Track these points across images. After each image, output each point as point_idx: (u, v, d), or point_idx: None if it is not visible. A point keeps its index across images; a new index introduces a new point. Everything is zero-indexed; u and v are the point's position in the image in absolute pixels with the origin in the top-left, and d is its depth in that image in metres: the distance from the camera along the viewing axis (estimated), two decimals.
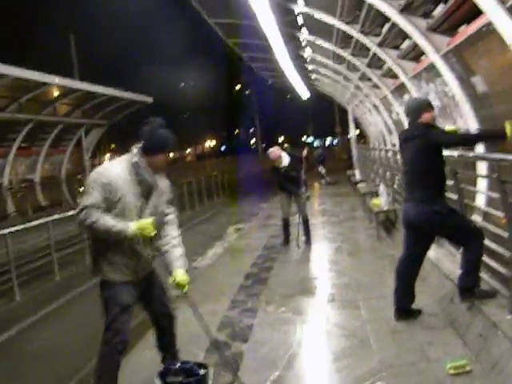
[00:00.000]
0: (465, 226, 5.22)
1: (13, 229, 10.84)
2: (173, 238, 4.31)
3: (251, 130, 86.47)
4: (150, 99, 32.26)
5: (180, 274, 4.15)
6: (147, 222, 3.93)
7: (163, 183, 4.27)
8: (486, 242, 5.73)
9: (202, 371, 4.05)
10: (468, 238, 5.11)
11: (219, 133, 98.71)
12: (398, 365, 4.49)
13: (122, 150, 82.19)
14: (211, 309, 6.33)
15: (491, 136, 5.36)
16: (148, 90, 34.25)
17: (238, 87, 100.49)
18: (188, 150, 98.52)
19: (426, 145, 5.02)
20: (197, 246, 12.32)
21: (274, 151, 9.85)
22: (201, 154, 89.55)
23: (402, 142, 5.44)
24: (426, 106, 5.28)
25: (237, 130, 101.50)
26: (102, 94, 26.45)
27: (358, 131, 30.50)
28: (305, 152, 10.49)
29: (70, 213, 14.99)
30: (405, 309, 5.48)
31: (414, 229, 5.32)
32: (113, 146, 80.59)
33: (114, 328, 4.04)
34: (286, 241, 10.37)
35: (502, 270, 5.08)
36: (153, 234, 3.96)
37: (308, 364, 4.82)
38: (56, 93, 25.30)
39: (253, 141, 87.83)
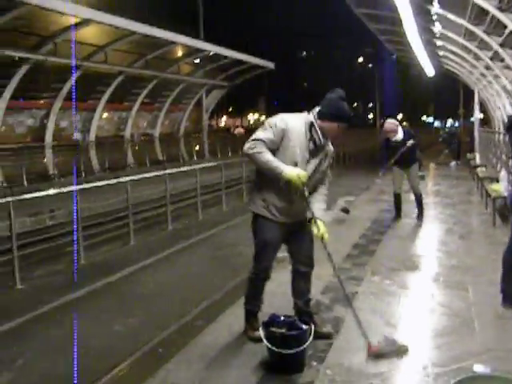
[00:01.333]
0: None
1: (133, 178, 11.47)
2: (319, 194, 4.59)
3: (370, 105, 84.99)
4: (271, 65, 32.45)
5: (320, 224, 4.42)
6: (301, 172, 4.22)
7: (329, 148, 4.57)
8: None
9: (304, 326, 4.19)
10: None
11: None
12: (501, 350, 4.40)
13: (238, 113, 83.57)
14: (317, 273, 6.34)
15: None
16: (270, 56, 34.44)
17: (360, 60, 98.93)
18: None
19: None
20: None
21: (391, 123, 9.76)
22: None
23: (509, 127, 5.26)
24: None
25: (355, 103, 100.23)
26: (225, 56, 26.91)
27: (482, 114, 29.31)
28: (410, 143, 9.95)
29: (185, 168, 15.69)
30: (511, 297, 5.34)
31: None
32: (230, 109, 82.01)
33: (258, 259, 4.59)
34: (398, 215, 10.29)
35: None
36: (302, 184, 4.22)
37: (407, 336, 4.81)
38: (181, 52, 26.03)
39: (370, 115, 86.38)
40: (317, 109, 4.47)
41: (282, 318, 4.29)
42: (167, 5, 49.66)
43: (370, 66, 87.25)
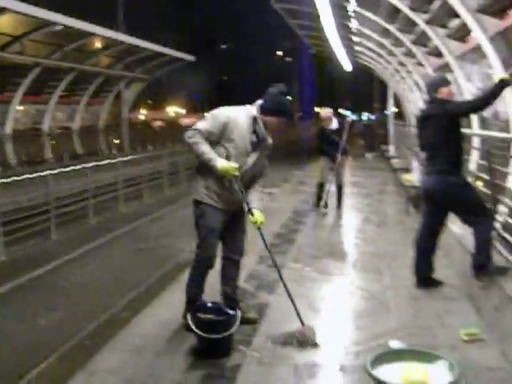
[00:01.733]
0: (477, 202, 5.46)
1: (54, 171, 11.29)
2: (258, 185, 4.78)
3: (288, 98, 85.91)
4: (191, 57, 32.39)
5: (257, 213, 4.60)
6: (233, 165, 4.38)
7: (268, 140, 4.74)
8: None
9: (231, 312, 4.36)
10: (479, 215, 5.36)
11: (256, 98, 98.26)
12: (414, 327, 4.74)
13: (158, 106, 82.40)
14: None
15: (495, 91, 5.44)
16: (189, 49, 34.42)
17: (279, 53, 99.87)
18: None
19: (444, 121, 5.25)
20: None
21: (327, 111, 10.16)
22: None
23: (421, 120, 5.64)
24: (443, 81, 5.52)
25: None
26: (145, 48, 26.64)
27: (396, 108, 30.37)
28: (350, 119, 10.62)
29: (107, 161, 15.55)
30: (425, 278, 5.72)
31: (431, 200, 5.59)
32: (149, 101, 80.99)
33: (202, 246, 4.65)
34: (317, 205, 10.59)
35: None
36: (233, 176, 4.42)
37: (328, 319, 5.09)
38: (100, 44, 25.56)
39: None
40: (259, 102, 4.63)
41: (209, 305, 4.45)
42: None
43: (289, 59, 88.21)
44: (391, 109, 25.48)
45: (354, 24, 16.60)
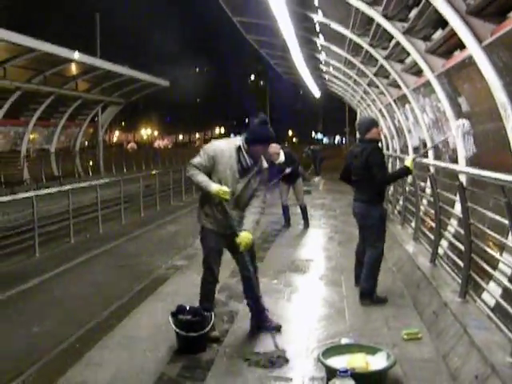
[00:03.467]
0: (378, 235, 6.44)
1: (38, 192, 11.86)
2: (253, 207, 5.31)
3: None
4: (166, 83, 33.19)
5: (243, 235, 5.11)
6: (225, 189, 5.03)
7: (263, 166, 5.37)
8: (453, 240, 6.80)
9: (206, 314, 5.10)
10: (374, 247, 6.40)
11: (228, 120, 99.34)
12: (364, 329, 5.56)
13: (131, 128, 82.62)
14: None
15: (401, 176, 7.17)
16: (164, 72, 35.27)
17: (252, 77, 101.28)
18: (197, 135, 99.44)
19: (367, 164, 6.24)
20: None
21: (273, 147, 10.96)
22: (209, 140, 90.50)
23: (352, 156, 6.58)
24: (373, 123, 6.57)
25: (247, 119, 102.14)
26: (121, 73, 27.42)
27: None
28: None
29: (86, 184, 16.14)
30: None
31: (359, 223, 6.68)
32: (123, 123, 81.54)
33: (205, 263, 5.38)
34: (287, 224, 11.68)
35: (459, 262, 6.10)
36: (224, 199, 5.05)
37: (292, 323, 5.84)
38: (79, 69, 26.25)
39: None
40: (245, 134, 5.23)
41: (188, 308, 5.19)
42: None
43: (262, 83, 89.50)
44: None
45: (322, 56, 17.60)
